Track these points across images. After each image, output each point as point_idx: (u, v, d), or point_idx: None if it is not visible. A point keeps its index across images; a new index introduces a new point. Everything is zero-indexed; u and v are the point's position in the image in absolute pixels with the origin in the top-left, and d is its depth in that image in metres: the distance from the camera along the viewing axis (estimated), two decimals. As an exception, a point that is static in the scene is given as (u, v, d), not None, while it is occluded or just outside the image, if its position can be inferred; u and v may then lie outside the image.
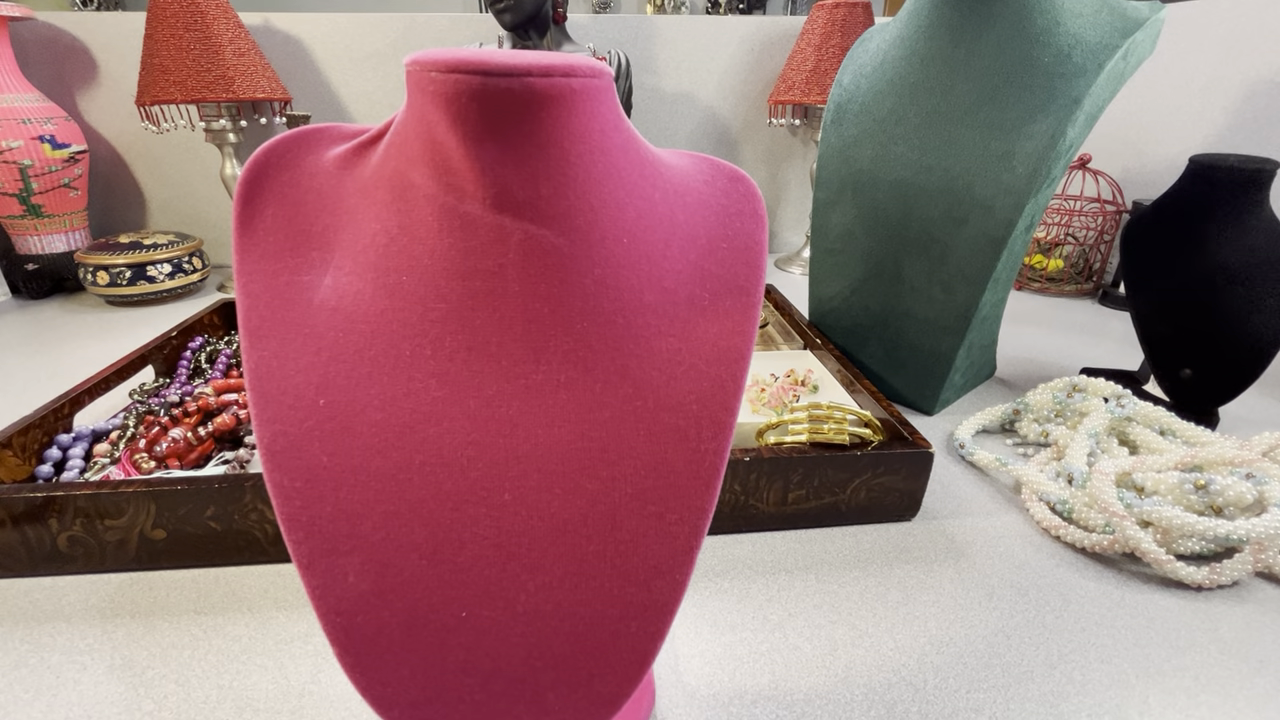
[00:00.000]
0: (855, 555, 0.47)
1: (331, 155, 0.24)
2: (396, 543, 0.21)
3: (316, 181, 0.23)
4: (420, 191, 0.20)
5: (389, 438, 0.21)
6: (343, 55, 1.11)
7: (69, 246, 1.03)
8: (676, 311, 0.22)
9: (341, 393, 0.21)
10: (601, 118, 0.20)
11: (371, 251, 0.21)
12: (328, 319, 0.22)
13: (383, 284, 0.21)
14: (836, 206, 0.68)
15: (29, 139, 0.95)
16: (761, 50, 1.17)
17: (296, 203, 0.23)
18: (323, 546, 0.21)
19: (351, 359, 0.21)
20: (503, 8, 0.89)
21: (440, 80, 0.18)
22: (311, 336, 0.22)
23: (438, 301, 0.21)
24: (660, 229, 0.22)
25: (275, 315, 0.22)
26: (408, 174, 0.21)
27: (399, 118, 0.22)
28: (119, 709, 0.35)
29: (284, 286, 0.22)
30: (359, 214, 0.22)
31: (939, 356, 0.64)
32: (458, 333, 0.21)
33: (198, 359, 0.72)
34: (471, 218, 0.20)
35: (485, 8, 0.94)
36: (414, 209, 0.21)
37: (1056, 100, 0.53)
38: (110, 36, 1.05)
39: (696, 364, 0.21)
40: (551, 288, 0.20)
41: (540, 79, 0.18)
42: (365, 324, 0.21)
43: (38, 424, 0.53)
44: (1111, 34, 0.54)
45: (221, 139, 0.99)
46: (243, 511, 0.44)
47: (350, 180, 0.23)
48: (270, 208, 0.23)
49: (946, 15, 0.58)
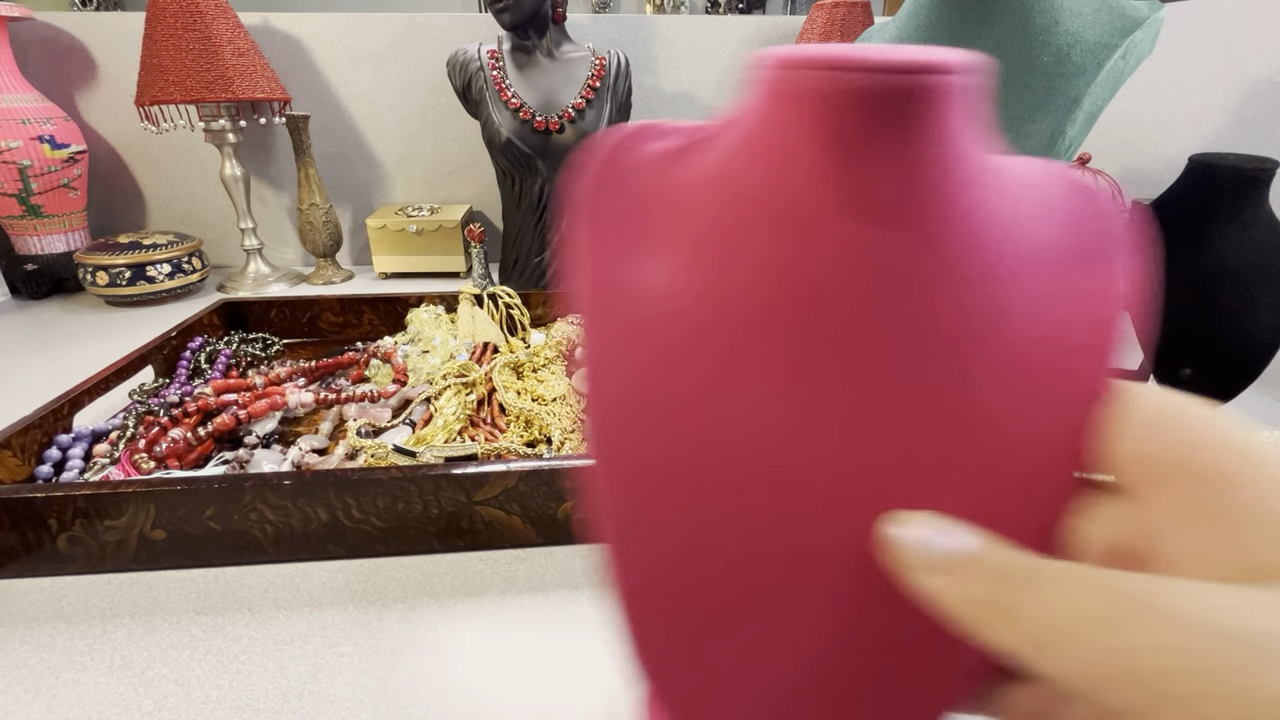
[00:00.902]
0: (855, 555, 0.47)
1: (666, 149, 0.23)
2: (699, 539, 0.20)
3: (652, 175, 0.23)
4: (758, 193, 0.20)
5: (706, 437, 0.20)
6: (343, 55, 1.11)
7: (68, 247, 1.03)
8: (1028, 344, 0.19)
9: (666, 385, 0.21)
10: (967, 117, 0.19)
11: (701, 250, 0.21)
12: (656, 311, 0.21)
13: (710, 284, 0.21)
14: (836, 206, 0.68)
15: (28, 139, 0.95)
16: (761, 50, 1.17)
17: (633, 193, 0.23)
18: (628, 530, 0.20)
19: (676, 354, 0.21)
20: (502, 7, 0.89)
21: (814, 78, 0.17)
22: (640, 326, 0.21)
23: (767, 307, 0.20)
24: (1010, 245, 0.20)
25: (609, 300, 0.22)
26: (744, 175, 0.20)
27: (734, 116, 0.21)
28: (119, 709, 0.35)
29: (618, 274, 0.22)
30: (690, 211, 0.22)
31: (939, 356, 0.64)
32: (786, 340, 0.19)
33: (197, 359, 0.72)
34: (815, 223, 0.19)
35: (485, 7, 0.94)
36: (749, 210, 0.20)
37: (1056, 99, 0.53)
38: (109, 36, 1.05)
39: (1043, 410, 0.19)
40: (897, 303, 0.19)
41: (930, 76, 0.17)
42: (690, 321, 0.21)
43: (37, 424, 0.53)
44: (1111, 33, 0.54)
45: (221, 139, 0.99)
46: (242, 512, 0.44)
47: (682, 177, 0.22)
48: (609, 196, 0.23)
49: (945, 15, 0.58)
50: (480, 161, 1.20)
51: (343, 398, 0.63)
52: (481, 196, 1.23)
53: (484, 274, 0.99)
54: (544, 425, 0.60)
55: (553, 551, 0.47)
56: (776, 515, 0.20)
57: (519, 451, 0.54)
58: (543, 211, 0.97)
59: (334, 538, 0.45)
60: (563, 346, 0.77)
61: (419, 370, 0.70)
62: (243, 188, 1.03)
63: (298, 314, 0.83)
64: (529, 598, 0.43)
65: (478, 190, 1.23)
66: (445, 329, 0.78)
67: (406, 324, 0.81)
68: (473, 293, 0.81)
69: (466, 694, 0.36)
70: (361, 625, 0.40)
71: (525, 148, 0.93)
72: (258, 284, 1.06)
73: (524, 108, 0.92)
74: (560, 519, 0.47)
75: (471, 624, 0.41)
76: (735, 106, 0.22)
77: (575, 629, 0.40)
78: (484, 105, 0.94)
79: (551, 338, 0.78)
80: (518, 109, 0.92)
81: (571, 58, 0.98)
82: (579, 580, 0.44)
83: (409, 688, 0.36)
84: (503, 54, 0.97)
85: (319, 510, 0.44)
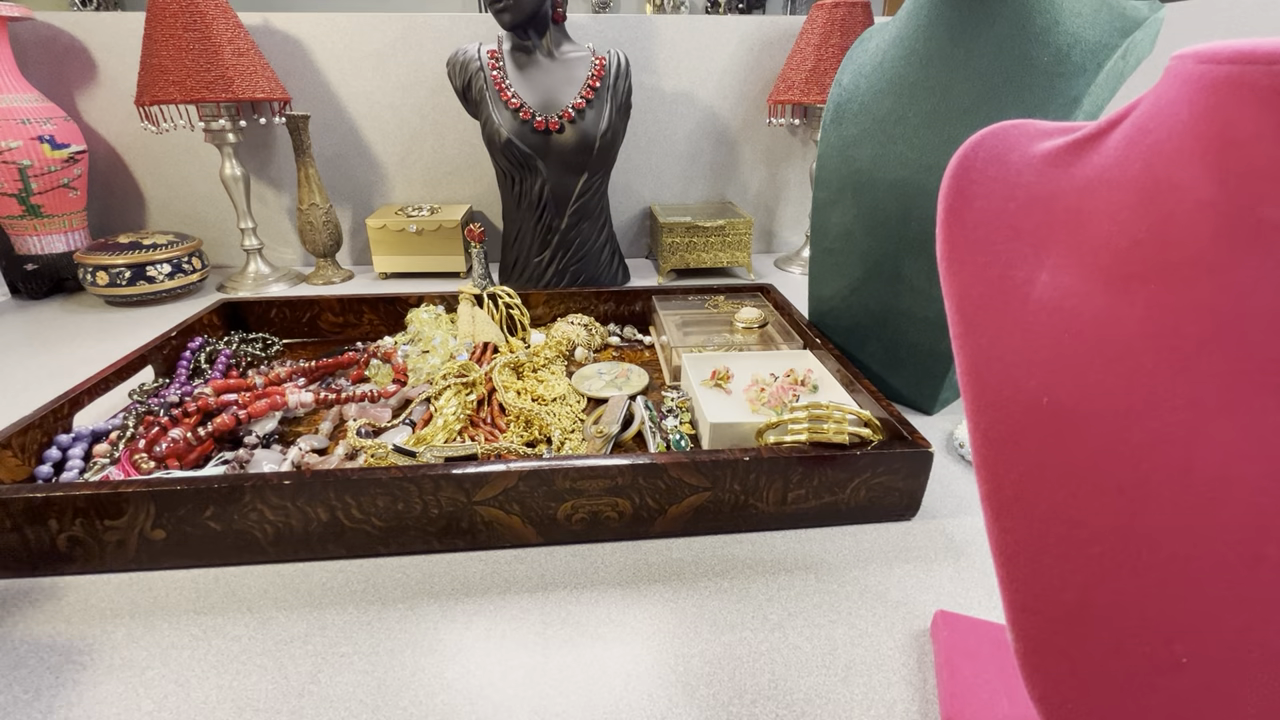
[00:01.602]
0: (855, 555, 0.47)
1: (1039, 151, 0.23)
2: (1114, 560, 0.19)
3: (1025, 177, 0.23)
4: (1186, 194, 0.18)
5: (1121, 450, 0.19)
6: (342, 55, 1.11)
7: (68, 247, 1.03)
8: None
9: (1067, 394, 0.20)
10: None
11: (1104, 253, 0.20)
12: (1047, 318, 0.21)
13: (1119, 289, 0.20)
14: (836, 206, 0.68)
15: (28, 139, 0.95)
16: (761, 50, 1.17)
17: (1005, 197, 0.22)
18: (1031, 543, 0.20)
19: (1077, 362, 0.20)
20: (502, 7, 0.89)
21: (1266, 73, 0.17)
22: (1029, 333, 0.21)
23: (1198, 316, 0.18)
24: None
25: (988, 307, 0.22)
26: (1165, 175, 0.19)
27: (1142, 115, 0.20)
28: (119, 709, 0.35)
29: (995, 279, 0.22)
30: (1083, 213, 0.21)
31: (938, 356, 0.64)
32: (1224, 354, 0.18)
33: (197, 359, 0.72)
34: (1272, 226, 0.17)
35: (485, 7, 0.94)
36: (1173, 212, 0.19)
37: (1056, 100, 0.53)
38: (109, 36, 1.05)
39: None
40: None
41: None
42: (1093, 327, 0.20)
43: (37, 424, 0.53)
44: (1110, 33, 0.54)
45: (221, 139, 0.99)
46: (242, 512, 0.44)
47: (1066, 178, 0.22)
48: (979, 200, 0.23)
49: (945, 15, 0.58)
50: (480, 161, 1.20)
51: (343, 398, 0.63)
52: (481, 196, 1.23)
53: (484, 274, 0.99)
54: (544, 425, 0.60)
55: (553, 551, 0.47)
56: (1212, 534, 0.18)
57: (519, 451, 0.54)
58: (543, 211, 0.97)
59: (334, 538, 0.45)
60: (563, 347, 0.77)
61: (419, 370, 0.70)
62: (243, 188, 1.03)
63: (298, 314, 0.83)
64: (529, 598, 0.43)
65: (478, 190, 1.23)
66: (445, 329, 0.78)
67: (406, 324, 0.81)
68: (473, 293, 0.81)
69: (466, 694, 0.36)
70: (361, 625, 0.40)
71: (525, 148, 0.93)
72: (258, 284, 1.06)
73: (524, 108, 0.92)
74: (560, 519, 0.47)
75: (471, 624, 0.41)
76: (1128, 105, 0.21)
77: (575, 629, 0.40)
78: (484, 105, 0.94)
79: (551, 338, 0.78)
80: (518, 109, 0.92)
81: (571, 58, 0.98)
82: (579, 580, 0.44)
83: (409, 688, 0.36)
84: (503, 54, 0.97)
85: (319, 510, 0.44)
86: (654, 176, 1.24)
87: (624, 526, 0.48)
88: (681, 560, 0.46)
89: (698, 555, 0.47)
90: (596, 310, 0.87)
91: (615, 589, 0.44)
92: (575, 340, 0.78)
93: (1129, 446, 0.19)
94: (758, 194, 1.28)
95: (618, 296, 0.87)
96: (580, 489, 0.46)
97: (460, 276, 1.13)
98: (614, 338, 0.84)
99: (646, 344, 0.83)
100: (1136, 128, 0.20)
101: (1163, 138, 0.19)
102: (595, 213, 1.01)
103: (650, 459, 0.46)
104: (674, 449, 0.55)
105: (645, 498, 0.47)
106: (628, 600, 0.43)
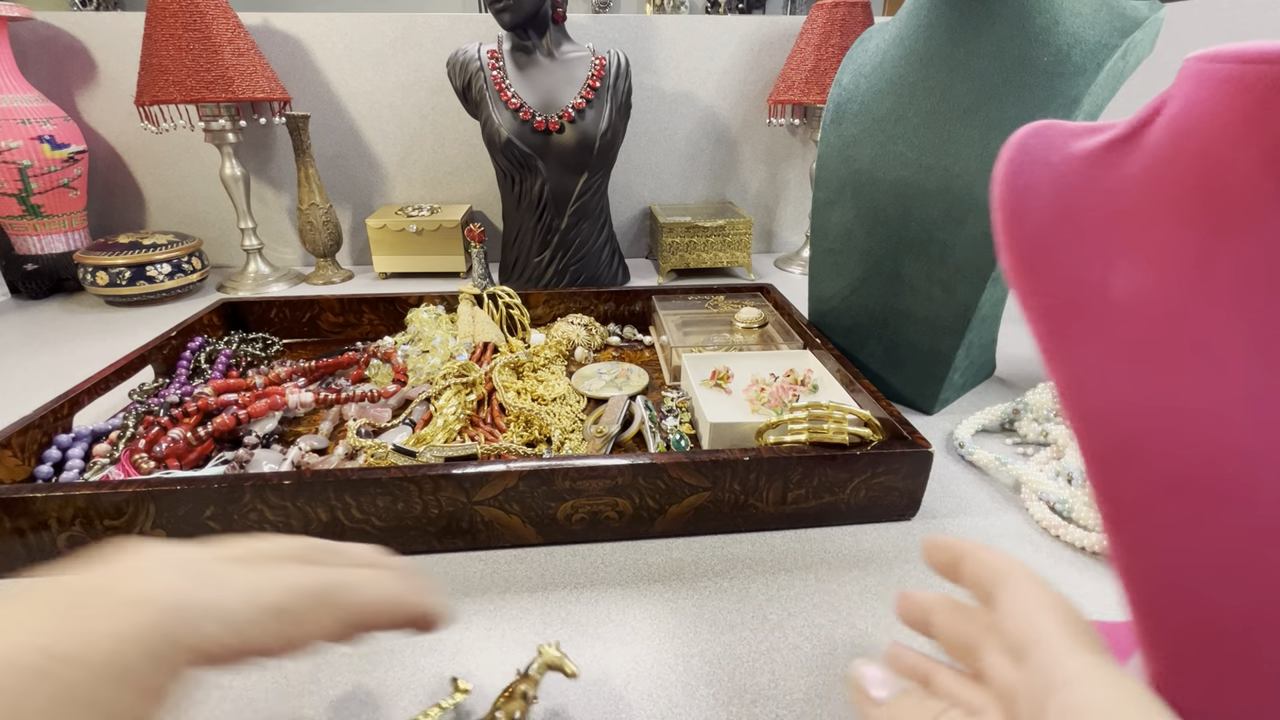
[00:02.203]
0: (855, 555, 0.47)
1: (1077, 152, 0.23)
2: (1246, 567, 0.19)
3: (1072, 179, 0.23)
4: (1247, 195, 0.19)
5: (1230, 451, 0.19)
6: (343, 55, 1.11)
7: (68, 247, 1.03)
8: None
9: (1168, 398, 0.20)
10: None
11: (1175, 255, 0.20)
12: (1127, 319, 0.21)
13: (1195, 287, 0.20)
14: (836, 206, 0.68)
15: (28, 139, 0.95)
16: (761, 50, 1.17)
17: (1061, 200, 0.23)
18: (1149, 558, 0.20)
19: (1169, 363, 0.20)
20: (502, 7, 0.88)
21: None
22: (1115, 337, 0.21)
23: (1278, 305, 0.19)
24: None
25: (1077, 316, 0.21)
26: (1223, 177, 0.19)
27: (1179, 116, 0.20)
28: (119, 709, 0.35)
29: (1072, 285, 0.22)
30: (1143, 215, 0.21)
31: (938, 355, 0.64)
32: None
33: (197, 359, 0.72)
34: None
35: (485, 7, 0.94)
36: (1234, 209, 0.19)
37: (1056, 100, 0.53)
38: (109, 36, 1.05)
39: None
40: None
41: None
42: (1175, 327, 0.20)
43: (37, 424, 0.53)
44: (1110, 33, 0.54)
45: (221, 139, 0.99)
46: (242, 512, 0.44)
47: (1113, 179, 0.22)
48: (1037, 202, 0.23)
49: (945, 15, 0.58)
50: (480, 161, 1.20)
51: (343, 398, 0.63)
52: (481, 196, 1.23)
53: (484, 274, 0.99)
54: (544, 425, 0.60)
55: (553, 551, 0.47)
56: None
57: (519, 451, 0.54)
58: (543, 211, 0.97)
59: (334, 538, 0.45)
60: (563, 346, 0.77)
61: (419, 370, 0.70)
62: (243, 188, 1.03)
63: (298, 314, 0.83)
64: (529, 598, 0.43)
65: (478, 190, 1.23)
66: (445, 329, 0.78)
67: (406, 324, 0.81)
68: (473, 293, 0.81)
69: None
70: (361, 625, 0.40)
71: (525, 148, 0.93)
72: (258, 284, 1.06)
73: (524, 108, 0.92)
74: (560, 519, 0.47)
75: (471, 624, 0.41)
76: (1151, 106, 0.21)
77: (575, 629, 0.40)
78: (484, 105, 0.94)
79: (551, 338, 0.78)
80: (518, 109, 0.92)
81: (571, 58, 0.98)
82: (579, 580, 0.44)
83: (409, 688, 0.36)
84: (503, 54, 0.97)
85: (319, 510, 0.44)
86: (654, 176, 1.24)
87: (624, 526, 0.48)
88: (681, 560, 0.46)
89: (698, 555, 0.47)
90: (596, 310, 0.87)
91: (615, 589, 0.44)
92: (575, 340, 0.78)
93: (1238, 446, 0.19)
94: (758, 194, 1.28)
95: (618, 296, 0.87)
96: (580, 489, 0.46)
97: (460, 276, 1.13)
98: (614, 338, 0.84)
99: (646, 344, 0.83)
100: (1177, 130, 0.20)
101: (1212, 139, 0.19)
102: (595, 213, 1.01)
103: (650, 459, 0.46)
104: (674, 449, 0.55)
105: (645, 498, 0.47)
106: (628, 600, 0.43)
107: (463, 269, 1.12)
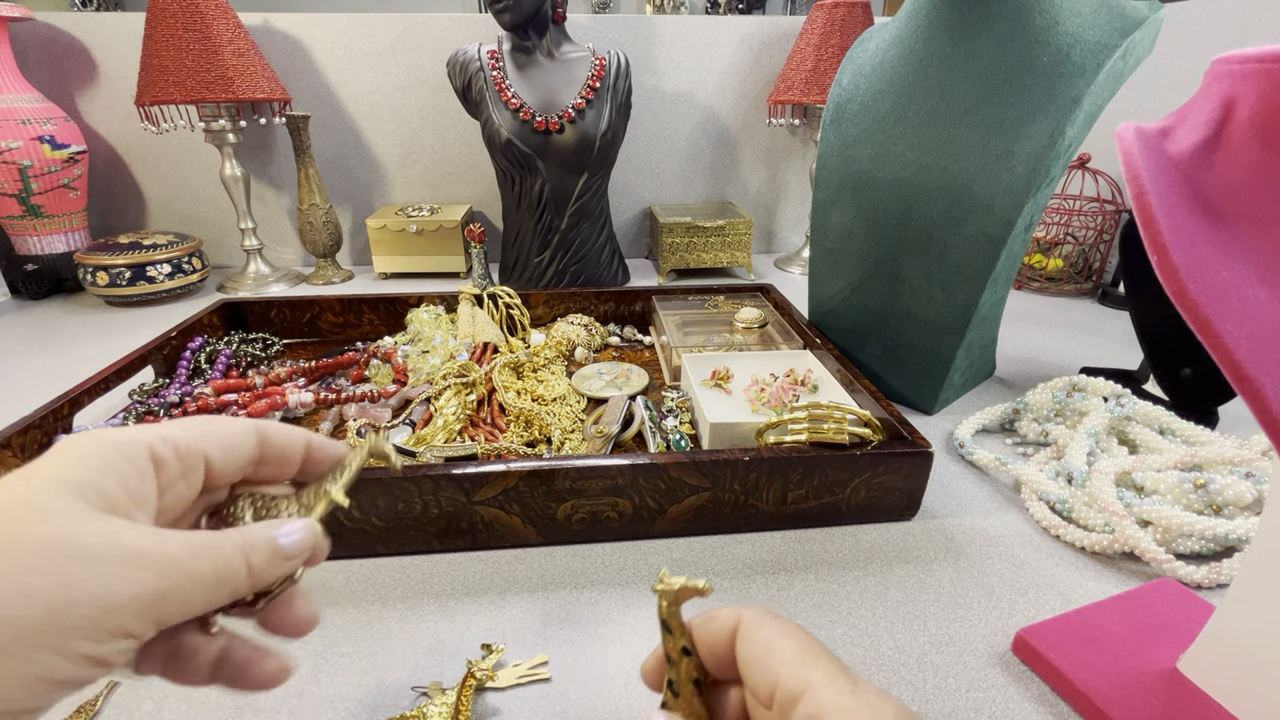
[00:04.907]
0: (855, 555, 0.47)
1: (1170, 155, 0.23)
2: None
3: (1180, 185, 0.23)
4: None
5: None
6: (343, 55, 1.11)
7: (68, 247, 1.03)
8: None
9: None
10: None
11: None
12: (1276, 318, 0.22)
13: None
14: (836, 206, 0.68)
15: (28, 139, 0.95)
16: (761, 50, 1.17)
17: (1185, 206, 0.23)
18: None
19: None
20: (502, 7, 0.89)
21: None
22: None
23: None
24: None
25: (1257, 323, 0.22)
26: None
27: (1254, 117, 0.21)
28: (119, 709, 0.35)
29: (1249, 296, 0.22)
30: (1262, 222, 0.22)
31: (938, 356, 0.64)
32: None
33: (197, 359, 0.72)
34: None
35: (485, 7, 0.94)
36: None
37: (1055, 100, 0.53)
38: (109, 37, 1.05)
39: None
40: None
41: None
42: None
43: (37, 424, 0.53)
44: (1110, 33, 0.54)
45: (221, 139, 0.99)
46: (242, 511, 0.44)
47: (1216, 183, 0.23)
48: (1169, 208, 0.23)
49: (945, 15, 0.58)
50: (480, 161, 1.20)
51: (343, 398, 0.63)
52: (481, 196, 1.23)
53: (484, 274, 0.99)
54: (544, 425, 0.60)
55: (553, 551, 0.47)
56: None
57: (519, 451, 0.54)
58: (543, 212, 0.97)
59: (333, 537, 0.45)
60: (563, 347, 0.77)
61: (419, 370, 0.70)
62: (243, 188, 1.03)
63: (298, 314, 0.83)
64: (529, 598, 0.43)
65: (478, 190, 1.23)
66: (445, 329, 0.78)
67: (406, 324, 0.81)
68: (473, 293, 0.81)
69: (466, 694, 0.36)
70: (361, 625, 0.40)
71: (525, 148, 0.93)
72: (258, 284, 1.06)
73: (524, 108, 0.92)
74: (560, 519, 0.47)
75: (471, 624, 0.41)
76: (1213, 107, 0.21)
77: (575, 629, 0.40)
78: (484, 105, 0.94)
79: (551, 338, 0.78)
80: (518, 109, 0.92)
81: (571, 58, 0.98)
82: (579, 580, 0.44)
83: (409, 687, 0.36)
84: (503, 54, 0.97)
85: (319, 510, 0.44)
86: (654, 176, 1.24)
87: (624, 526, 0.48)
88: (681, 560, 0.46)
89: (698, 555, 0.47)
90: (596, 310, 0.87)
91: (615, 589, 0.44)
92: (575, 340, 0.78)
93: None
94: (758, 194, 1.28)
95: (618, 296, 0.87)
96: (580, 489, 0.46)
97: (460, 276, 1.13)
98: (614, 338, 0.84)
99: (646, 344, 0.83)
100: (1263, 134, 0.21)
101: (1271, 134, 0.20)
102: (595, 213, 1.01)
103: (650, 459, 0.46)
104: (674, 449, 0.55)
105: (645, 498, 0.47)
106: (628, 600, 0.43)
107: (463, 269, 1.12)
